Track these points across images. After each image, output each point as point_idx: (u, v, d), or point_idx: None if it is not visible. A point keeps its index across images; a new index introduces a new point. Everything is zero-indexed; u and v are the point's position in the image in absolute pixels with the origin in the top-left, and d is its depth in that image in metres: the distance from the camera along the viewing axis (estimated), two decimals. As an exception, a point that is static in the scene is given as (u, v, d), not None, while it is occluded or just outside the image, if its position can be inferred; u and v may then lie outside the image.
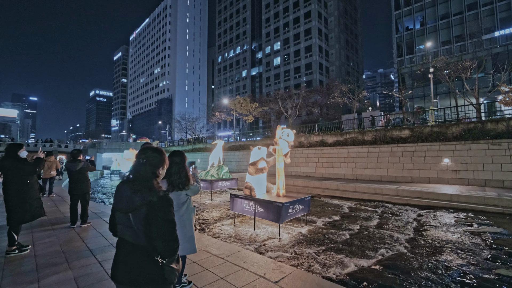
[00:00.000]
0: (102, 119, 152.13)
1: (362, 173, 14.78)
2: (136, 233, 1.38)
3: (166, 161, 1.64)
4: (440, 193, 9.35)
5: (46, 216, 6.08)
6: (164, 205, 1.39)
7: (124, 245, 1.44)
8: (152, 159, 1.54)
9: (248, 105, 31.65)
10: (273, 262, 3.38)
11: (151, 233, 1.37)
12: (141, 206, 1.36)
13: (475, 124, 12.21)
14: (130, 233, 1.40)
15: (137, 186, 1.42)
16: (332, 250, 5.08)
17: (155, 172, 1.53)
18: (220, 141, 13.35)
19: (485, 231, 6.04)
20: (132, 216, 1.38)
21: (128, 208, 1.39)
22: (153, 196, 1.38)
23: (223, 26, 67.35)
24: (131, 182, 1.47)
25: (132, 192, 1.41)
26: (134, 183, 1.45)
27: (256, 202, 6.31)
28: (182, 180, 2.38)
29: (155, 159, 1.55)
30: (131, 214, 1.38)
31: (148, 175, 1.49)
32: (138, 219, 1.37)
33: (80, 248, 3.94)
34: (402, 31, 35.43)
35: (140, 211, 1.36)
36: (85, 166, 5.10)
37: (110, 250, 3.83)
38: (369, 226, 6.81)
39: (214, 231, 6.55)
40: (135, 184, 1.44)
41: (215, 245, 4.01)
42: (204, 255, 3.57)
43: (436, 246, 5.26)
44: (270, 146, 6.76)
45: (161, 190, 1.43)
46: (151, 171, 1.51)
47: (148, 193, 1.39)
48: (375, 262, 4.54)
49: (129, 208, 1.39)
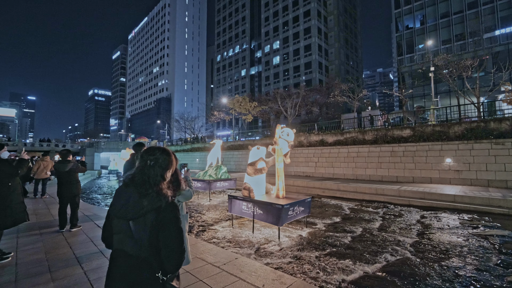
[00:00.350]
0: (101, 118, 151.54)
1: (362, 173, 14.57)
2: (139, 243, 1.24)
3: (175, 163, 1.50)
4: (443, 194, 9.14)
5: (35, 220, 5.83)
6: (173, 211, 1.29)
7: (123, 258, 1.26)
8: (161, 161, 1.40)
9: (247, 104, 31.40)
10: (273, 272, 3.14)
11: (157, 242, 1.24)
12: (149, 212, 1.24)
13: (478, 123, 12.00)
14: (132, 244, 1.25)
15: (145, 190, 1.29)
16: (334, 255, 4.85)
17: (163, 175, 1.39)
18: (218, 140, 13.10)
19: (492, 234, 5.82)
20: (134, 223, 1.25)
21: (134, 214, 1.25)
22: (162, 201, 1.27)
23: (222, 25, 66.98)
24: (138, 185, 1.32)
25: (140, 196, 1.27)
26: (142, 186, 1.31)
27: (254, 204, 6.08)
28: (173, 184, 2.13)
29: (164, 161, 1.41)
30: (133, 222, 1.25)
31: (158, 179, 1.35)
32: (142, 227, 1.24)
33: (67, 255, 3.69)
34: (402, 30, 35.22)
35: (147, 217, 1.24)
36: (75, 167, 4.84)
37: (98, 258, 3.58)
38: (371, 229, 6.58)
39: (211, 234, 6.31)
40: (143, 187, 1.30)
41: (211, 251, 3.76)
42: (198, 263, 3.32)
43: (442, 250, 5.04)
44: (269, 146, 6.52)
45: (169, 195, 1.33)
46: (160, 174, 1.37)
47: (157, 198, 1.28)
48: (380, 268, 4.31)
49: (135, 214, 1.25)
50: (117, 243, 1.31)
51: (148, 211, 1.24)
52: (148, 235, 1.23)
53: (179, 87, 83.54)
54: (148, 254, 1.24)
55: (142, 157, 1.40)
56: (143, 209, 1.25)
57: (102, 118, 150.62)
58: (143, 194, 1.28)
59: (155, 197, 1.28)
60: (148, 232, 1.23)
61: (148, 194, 1.28)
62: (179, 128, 46.19)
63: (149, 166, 1.37)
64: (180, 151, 32.85)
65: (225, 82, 63.89)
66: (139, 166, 1.39)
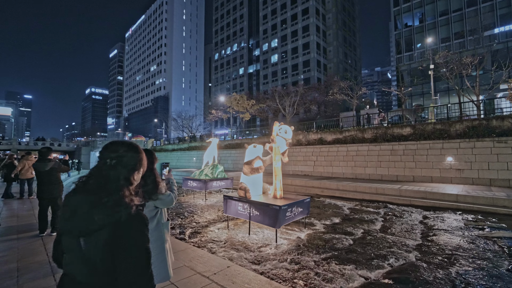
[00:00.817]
0: (98, 117, 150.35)
1: (362, 172, 14.31)
2: (91, 268, 0.96)
3: (144, 162, 1.18)
4: (446, 193, 8.88)
5: (16, 222, 5.48)
6: (137, 227, 0.99)
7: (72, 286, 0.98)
8: (127, 160, 1.10)
9: (244, 102, 31.04)
10: (268, 283, 2.83)
11: (114, 267, 0.94)
12: (103, 228, 0.94)
13: (480, 121, 11.76)
14: (82, 268, 0.97)
15: (99, 198, 0.99)
16: (334, 259, 4.55)
17: (129, 178, 1.09)
18: (215, 138, 12.76)
19: (499, 236, 5.56)
20: (85, 241, 0.95)
21: (82, 230, 0.96)
22: (122, 212, 0.97)
23: (220, 23, 66.40)
24: (90, 191, 1.01)
25: (91, 206, 0.97)
26: (95, 193, 1.00)
27: (251, 205, 5.77)
28: (148, 188, 1.80)
29: (131, 159, 1.11)
30: (84, 239, 0.95)
31: (120, 183, 1.05)
32: (95, 246, 0.94)
33: (41, 263, 3.35)
34: (401, 28, 34.98)
35: (100, 234, 0.94)
36: (56, 166, 4.49)
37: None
38: (372, 230, 6.30)
39: (205, 236, 6.00)
40: (97, 194, 1.00)
41: (201, 258, 3.44)
42: (186, 273, 3.00)
43: (448, 254, 4.76)
44: (266, 144, 6.21)
45: (133, 205, 1.02)
46: (124, 177, 1.07)
47: (116, 209, 0.97)
48: (383, 274, 4.02)
49: (84, 230, 0.96)
50: (66, 266, 1.02)
51: (102, 226, 0.94)
52: (102, 257, 0.93)
53: (176, 86, 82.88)
54: (102, 282, 0.95)
55: (101, 154, 1.09)
56: (93, 223, 0.94)
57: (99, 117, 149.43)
58: (96, 203, 0.98)
59: (113, 208, 0.97)
60: (101, 254, 0.93)
61: (102, 204, 0.97)
62: (176, 127, 45.76)
63: (109, 166, 1.06)
64: (177, 150, 32.45)
65: (223, 81, 63.41)
66: (96, 167, 1.08)
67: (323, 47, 47.27)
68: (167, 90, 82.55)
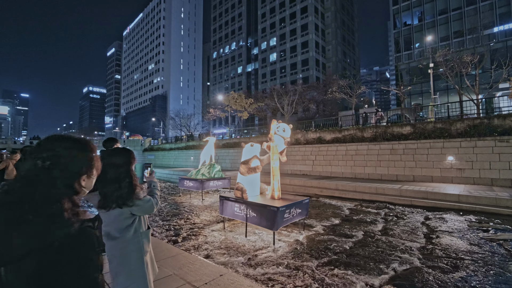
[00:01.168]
0: (96, 116, 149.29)
1: (361, 172, 14.11)
2: None
3: (96, 163, 0.91)
4: (447, 194, 8.69)
5: None
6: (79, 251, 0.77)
7: None
8: (67, 161, 0.83)
9: (243, 101, 30.78)
10: (264, 293, 2.60)
11: None
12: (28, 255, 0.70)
13: (481, 120, 11.58)
14: None
15: (20, 215, 0.71)
16: (335, 264, 4.34)
17: (72, 184, 0.83)
18: (212, 137, 12.52)
19: (506, 239, 5.36)
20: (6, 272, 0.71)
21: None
22: (57, 232, 0.73)
23: (218, 22, 65.99)
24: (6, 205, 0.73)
25: (8, 224, 0.70)
26: (15, 208, 0.72)
27: (248, 206, 5.54)
28: (122, 192, 1.56)
29: (74, 160, 0.85)
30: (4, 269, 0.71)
31: (56, 192, 0.79)
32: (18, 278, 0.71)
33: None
34: (400, 27, 34.82)
35: (25, 264, 0.70)
36: (40, 166, 4.22)
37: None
38: (373, 232, 6.09)
39: (200, 238, 5.76)
40: (18, 210, 0.72)
41: (192, 265, 3.20)
42: (174, 283, 2.76)
43: (454, 258, 4.56)
44: (264, 143, 5.98)
45: (77, 220, 0.78)
46: (64, 184, 0.81)
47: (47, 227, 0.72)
48: (387, 280, 3.80)
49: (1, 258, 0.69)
50: None
51: (25, 253, 0.69)
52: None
53: (174, 85, 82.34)
54: None
55: (30, 154, 0.83)
56: (12, 250, 0.69)
57: (97, 116, 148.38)
58: (17, 220, 0.71)
59: (44, 225, 0.72)
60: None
61: (24, 222, 0.71)
62: (174, 126, 45.42)
63: (40, 169, 0.79)
64: (175, 149, 32.15)
65: (221, 80, 63.06)
66: (21, 171, 0.82)
67: (322, 45, 47.06)
68: (165, 89, 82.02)
